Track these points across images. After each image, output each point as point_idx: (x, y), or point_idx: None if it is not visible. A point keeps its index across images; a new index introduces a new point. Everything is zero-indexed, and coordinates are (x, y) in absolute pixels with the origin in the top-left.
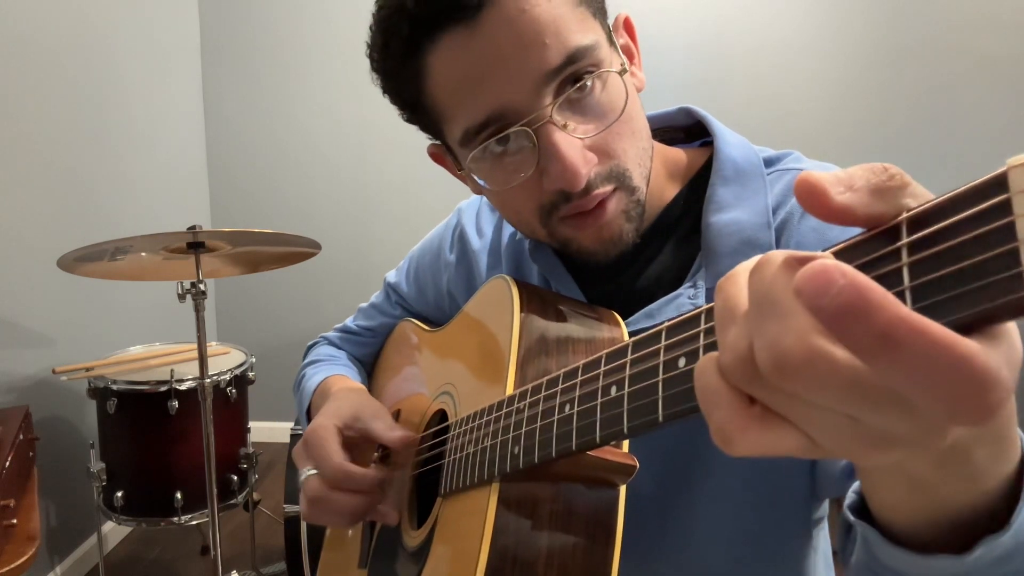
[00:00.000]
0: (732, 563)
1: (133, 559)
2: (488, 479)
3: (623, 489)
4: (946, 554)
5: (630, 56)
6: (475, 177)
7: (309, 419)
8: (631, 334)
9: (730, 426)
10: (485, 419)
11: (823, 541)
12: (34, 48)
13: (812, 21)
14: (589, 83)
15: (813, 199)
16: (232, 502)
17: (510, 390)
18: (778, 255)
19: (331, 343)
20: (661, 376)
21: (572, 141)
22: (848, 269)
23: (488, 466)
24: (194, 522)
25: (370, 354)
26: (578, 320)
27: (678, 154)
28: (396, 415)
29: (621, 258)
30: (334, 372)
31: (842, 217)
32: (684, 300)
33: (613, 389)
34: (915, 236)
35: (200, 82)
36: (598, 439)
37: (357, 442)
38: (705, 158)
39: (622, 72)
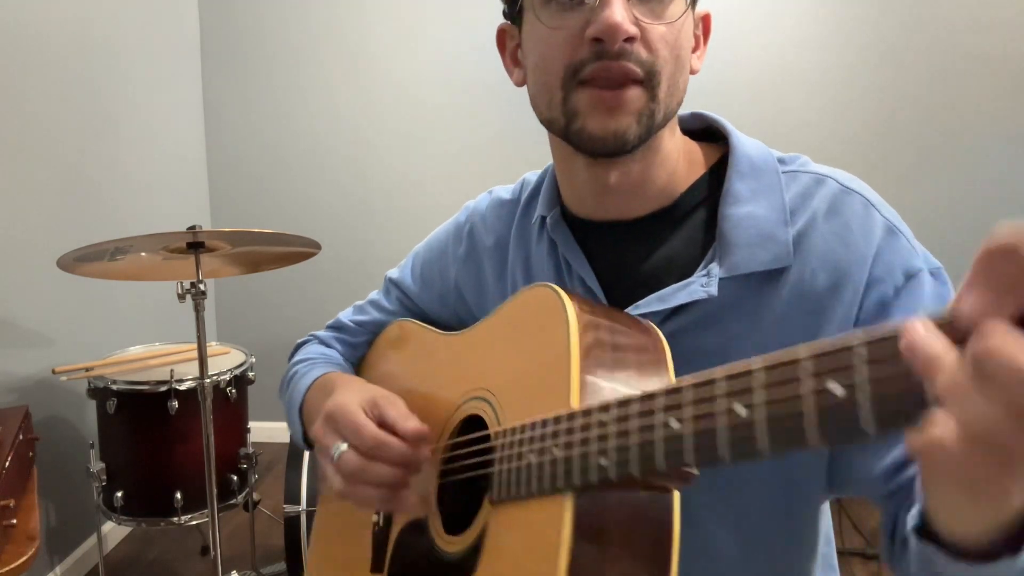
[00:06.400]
0: (739, 562)
1: (133, 559)
2: (561, 489)
3: (676, 494)
4: (1004, 558)
5: (697, 43)
6: (533, 11)
7: (302, 417)
8: (642, 316)
9: None
10: (552, 429)
11: (822, 541)
12: (34, 48)
13: (813, 21)
14: None
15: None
16: (232, 502)
17: (575, 401)
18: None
19: (322, 342)
20: (815, 405)
21: (628, 8)
22: None
23: (564, 477)
24: (194, 522)
25: (361, 344)
26: (629, 333)
27: (695, 147)
28: None
29: (631, 235)
30: (331, 371)
31: None
32: (697, 288)
33: (743, 411)
34: None
35: (200, 82)
36: (729, 458)
37: None
38: (720, 154)
39: (691, 4)
